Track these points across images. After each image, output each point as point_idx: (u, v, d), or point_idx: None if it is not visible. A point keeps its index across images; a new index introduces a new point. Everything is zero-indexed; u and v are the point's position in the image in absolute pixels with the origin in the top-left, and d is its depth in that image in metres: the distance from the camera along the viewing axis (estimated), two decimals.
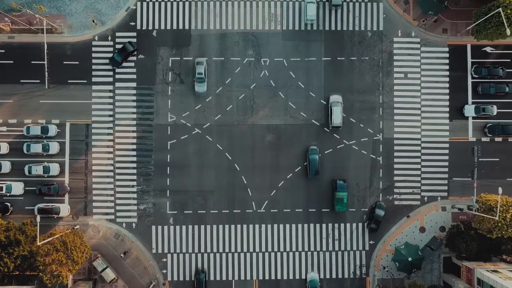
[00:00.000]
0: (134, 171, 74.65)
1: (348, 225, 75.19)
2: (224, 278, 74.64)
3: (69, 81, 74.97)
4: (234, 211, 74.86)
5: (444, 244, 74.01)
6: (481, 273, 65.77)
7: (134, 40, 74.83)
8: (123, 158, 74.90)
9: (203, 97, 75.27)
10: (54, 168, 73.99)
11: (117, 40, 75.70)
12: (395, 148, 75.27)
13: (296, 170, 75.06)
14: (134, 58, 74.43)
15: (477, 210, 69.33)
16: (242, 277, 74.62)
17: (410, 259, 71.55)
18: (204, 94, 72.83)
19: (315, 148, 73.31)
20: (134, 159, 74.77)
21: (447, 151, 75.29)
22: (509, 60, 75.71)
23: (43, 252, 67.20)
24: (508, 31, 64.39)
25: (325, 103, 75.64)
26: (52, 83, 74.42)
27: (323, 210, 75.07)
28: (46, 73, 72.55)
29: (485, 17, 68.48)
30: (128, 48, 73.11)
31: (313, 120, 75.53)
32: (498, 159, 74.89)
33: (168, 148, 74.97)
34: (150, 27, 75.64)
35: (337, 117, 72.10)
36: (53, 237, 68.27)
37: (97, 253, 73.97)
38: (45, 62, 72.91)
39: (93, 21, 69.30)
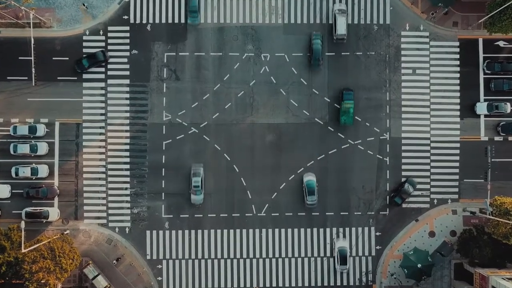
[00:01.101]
0: (128, 172, 72.70)
1: (353, 229, 73.09)
2: (222, 285, 72.66)
3: (58, 78, 72.87)
4: (233, 215, 72.88)
5: (456, 250, 71.58)
6: (496, 281, 63.11)
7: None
8: (116, 159, 72.91)
9: (200, 94, 73.26)
10: (43, 170, 71.85)
11: (109, 34, 73.36)
12: (403, 148, 73.24)
13: (298, 172, 72.97)
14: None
15: (491, 214, 66.71)
16: (242, 285, 72.69)
17: (419, 265, 69.11)
18: (200, 203, 71.68)
19: (319, 34, 70.71)
20: (127, 160, 72.80)
21: (457, 151, 73.18)
22: None
23: (29, 259, 64.66)
24: None
25: (328, 100, 73.18)
26: (41, 80, 72.29)
27: (327, 213, 73.06)
28: (33, 69, 70.26)
29: (500, 8, 65.42)
30: (99, 57, 71.31)
31: (316, 119, 73.38)
32: None
33: (163, 148, 72.96)
34: (144, 21, 73.46)
35: (341, 27, 69.01)
36: (40, 244, 65.75)
37: (88, 260, 71.76)
38: (32, 58, 70.69)
39: (84, 5, 65.96)
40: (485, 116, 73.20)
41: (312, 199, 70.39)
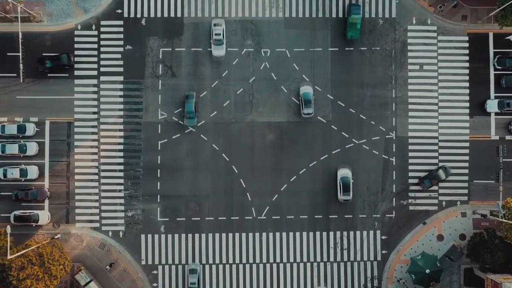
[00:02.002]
0: (121, 174, 70.71)
1: (358, 233, 70.95)
2: None
3: (49, 74, 70.72)
4: (232, 218, 70.88)
5: (465, 254, 69.34)
6: None
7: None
8: (109, 160, 70.93)
9: (197, 92, 71.14)
10: (32, 171, 69.77)
11: (102, 29, 71.19)
12: (410, 147, 71.25)
13: (300, 173, 70.90)
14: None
15: (503, 217, 64.36)
16: None
17: (427, 271, 66.85)
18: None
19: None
20: (121, 160, 70.80)
21: (467, 151, 71.17)
22: None
23: (16, 266, 62.17)
24: None
25: (332, 98, 71.04)
26: (30, 77, 70.24)
27: (330, 216, 70.88)
28: (21, 65, 67.74)
29: None
30: (63, 60, 69.40)
31: (319, 117, 71.29)
32: None
33: (159, 148, 70.98)
34: (139, 15, 71.39)
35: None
36: (28, 249, 63.33)
37: (80, 265, 69.61)
38: (20, 54, 68.19)
39: None
40: (496, 114, 71.16)
41: (308, 111, 68.87)
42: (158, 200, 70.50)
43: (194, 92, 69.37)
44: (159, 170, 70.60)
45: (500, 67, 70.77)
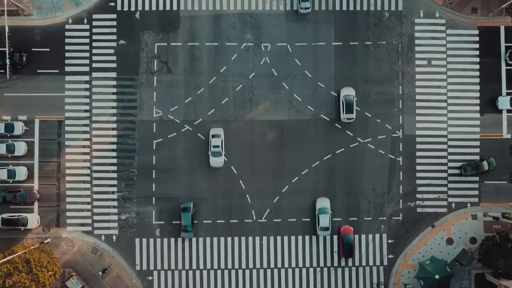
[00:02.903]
0: (115, 175, 69.23)
1: (363, 236, 69.15)
2: None
3: (38, 71, 69.49)
4: (231, 221, 69.21)
5: (477, 259, 67.35)
6: None
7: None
8: (102, 160, 69.37)
9: (194, 88, 69.69)
10: (21, 172, 68.15)
11: (94, 23, 69.63)
12: (418, 146, 69.58)
13: (302, 173, 69.24)
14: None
15: None
16: None
17: (437, 276, 64.79)
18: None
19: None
20: (114, 161, 69.31)
21: (478, 150, 69.46)
22: None
23: (2, 273, 60.25)
24: None
25: (336, 95, 69.61)
26: (18, 73, 68.79)
27: (334, 219, 69.03)
28: (8, 60, 66.34)
29: None
30: (15, 59, 67.26)
31: (322, 115, 69.65)
32: None
33: (154, 148, 69.44)
34: (133, 8, 69.85)
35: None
36: (14, 255, 61.33)
37: (71, 271, 67.82)
38: (6, 49, 66.51)
39: None
40: (508, 111, 69.48)
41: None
42: (153, 203, 68.98)
43: (192, 203, 67.79)
44: (154, 171, 69.10)
45: None
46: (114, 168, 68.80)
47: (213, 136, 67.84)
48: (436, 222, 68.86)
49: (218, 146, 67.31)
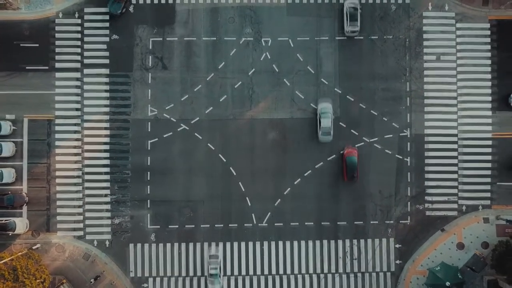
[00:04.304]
0: (107, 177, 67.98)
1: (369, 241, 67.65)
2: None
3: (27, 67, 68.15)
4: (230, 225, 67.86)
5: (490, 265, 65.55)
6: None
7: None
8: (94, 162, 68.14)
9: (191, 85, 68.30)
10: (9, 174, 66.81)
11: (86, 17, 68.27)
12: (426, 146, 68.06)
13: (305, 175, 67.71)
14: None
15: None
16: None
17: (447, 283, 63.27)
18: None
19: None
20: (107, 162, 68.03)
21: (490, 150, 67.93)
22: None
23: None
24: None
25: (340, 92, 68.04)
26: (6, 70, 67.71)
27: (339, 223, 67.70)
28: None
29: None
30: None
31: None
32: None
33: (148, 148, 68.14)
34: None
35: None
36: None
37: (62, 278, 66.59)
38: None
39: None
40: None
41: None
42: (148, 206, 67.69)
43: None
44: (148, 173, 67.86)
45: None
46: (107, 169, 67.76)
47: (210, 257, 66.29)
48: (446, 226, 67.54)
49: (216, 269, 65.43)
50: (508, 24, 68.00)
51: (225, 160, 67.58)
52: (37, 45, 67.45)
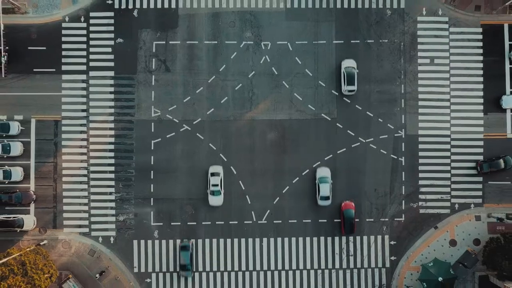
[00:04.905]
0: (112, 175, 68.32)
1: (365, 238, 68.17)
2: None
3: (34, 69, 68.51)
4: (230, 222, 68.26)
5: (481, 261, 66.31)
6: None
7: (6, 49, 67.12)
8: (99, 161, 68.43)
9: (193, 87, 68.79)
10: (17, 173, 67.20)
11: (91, 21, 68.71)
12: (420, 146, 68.65)
13: (303, 174, 68.26)
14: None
15: None
16: None
17: (440, 278, 63.90)
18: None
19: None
20: (112, 161, 68.37)
21: (481, 150, 68.46)
22: None
23: None
24: None
25: (337, 93, 68.55)
26: (14, 72, 67.88)
27: (335, 220, 68.21)
28: (3, 59, 65.48)
29: None
30: None
31: (323, 114, 68.63)
32: None
33: (152, 148, 68.48)
34: (130, 6, 68.90)
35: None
36: (9, 257, 60.05)
37: (68, 273, 66.93)
38: (2, 47, 65.49)
39: None
40: None
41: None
42: (152, 204, 68.02)
43: (191, 242, 66.90)
44: (152, 172, 68.13)
45: None
46: (112, 168, 67.93)
47: (212, 174, 67.00)
48: (439, 223, 67.99)
49: (217, 185, 66.52)
50: (500, 29, 68.47)
51: (225, 160, 67.88)
52: (45, 48, 67.74)
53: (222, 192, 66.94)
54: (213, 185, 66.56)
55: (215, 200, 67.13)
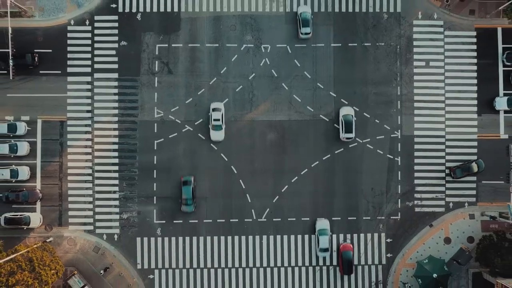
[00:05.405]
0: (116, 175, 68.63)
1: (362, 235, 68.83)
2: None
3: (41, 71, 68.78)
4: (231, 220, 68.74)
5: (474, 258, 67.25)
6: None
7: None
8: (103, 160, 68.82)
9: (195, 89, 69.25)
10: (24, 172, 67.62)
11: (96, 24, 69.21)
12: (416, 147, 69.18)
13: (302, 173, 68.85)
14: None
15: None
16: None
17: (434, 275, 64.68)
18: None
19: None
20: (116, 161, 68.75)
21: (475, 150, 69.06)
22: None
23: (5, 271, 59.82)
24: None
25: (334, 95, 69.32)
26: (21, 74, 68.28)
27: (333, 218, 68.79)
28: (11, 61, 65.95)
29: None
30: (27, 60, 67.00)
31: (321, 116, 69.25)
32: None
33: (155, 148, 68.92)
34: (134, 10, 69.33)
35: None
36: (17, 254, 60.86)
37: (73, 270, 67.45)
38: (10, 50, 65.80)
39: None
40: (505, 111, 68.99)
41: (306, 30, 67.08)
42: (154, 202, 68.46)
43: (193, 177, 67.48)
44: (155, 171, 68.55)
45: (509, 63, 68.54)
46: (116, 168, 68.25)
47: (213, 109, 67.12)
48: (434, 222, 68.50)
49: (218, 120, 66.65)
50: (493, 33, 69.05)
51: (226, 159, 68.40)
52: (51, 50, 68.08)
53: (223, 127, 67.12)
54: (215, 120, 66.70)
55: (217, 135, 67.42)
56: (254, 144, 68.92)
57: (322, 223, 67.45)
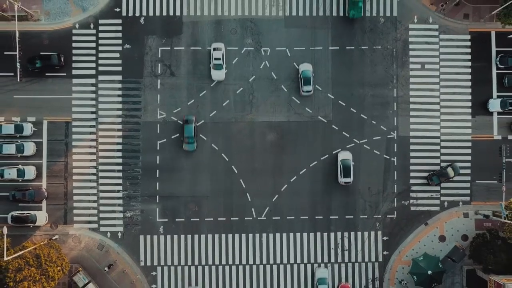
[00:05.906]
0: (120, 174, 69.59)
1: (359, 233, 69.91)
2: None
3: (46, 74, 69.78)
4: (232, 218, 69.69)
5: (468, 255, 68.32)
6: None
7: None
8: (107, 160, 69.80)
9: (196, 91, 70.18)
10: (30, 172, 68.65)
11: (100, 28, 70.29)
12: (411, 147, 70.18)
13: (301, 173, 69.79)
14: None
15: (506, 218, 63.34)
16: None
17: (429, 272, 65.97)
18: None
19: None
20: (120, 161, 69.68)
21: (469, 151, 70.09)
22: None
23: (13, 267, 61.08)
24: None
25: (332, 97, 70.43)
26: (27, 76, 69.39)
27: (331, 217, 69.83)
28: (18, 64, 66.81)
29: None
30: (53, 61, 68.28)
31: (319, 117, 70.24)
32: None
33: (158, 148, 69.83)
34: (137, 14, 70.39)
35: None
36: (24, 251, 62.15)
37: (78, 266, 68.53)
38: (17, 52, 66.74)
39: None
40: (498, 113, 70.04)
41: (307, 88, 67.92)
42: (157, 201, 69.32)
43: (194, 116, 68.27)
44: (158, 171, 69.41)
45: (502, 66, 69.59)
46: (120, 167, 69.14)
47: (214, 49, 67.26)
48: (429, 220, 69.40)
49: (219, 59, 66.89)
50: (487, 36, 70.01)
51: (227, 159, 69.33)
52: (56, 53, 68.46)
53: (224, 67, 67.45)
54: (216, 59, 67.02)
55: (218, 74, 67.86)
56: (254, 144, 69.71)
57: (321, 272, 68.07)
